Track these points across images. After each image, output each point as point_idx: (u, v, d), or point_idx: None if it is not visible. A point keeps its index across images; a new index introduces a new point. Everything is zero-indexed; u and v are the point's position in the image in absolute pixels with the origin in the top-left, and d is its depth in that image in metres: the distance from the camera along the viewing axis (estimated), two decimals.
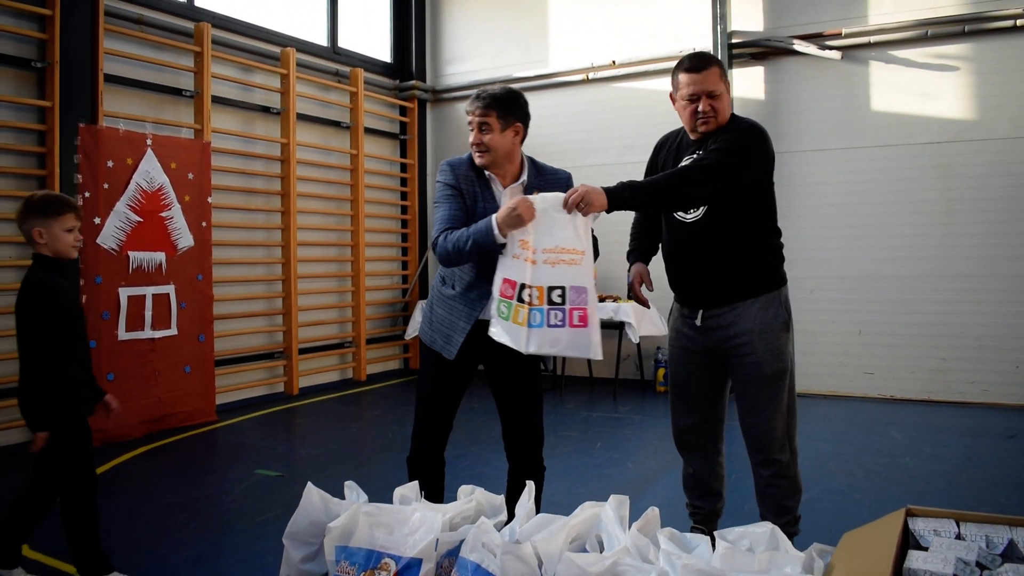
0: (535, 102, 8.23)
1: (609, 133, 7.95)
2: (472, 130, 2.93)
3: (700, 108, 2.90)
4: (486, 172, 2.96)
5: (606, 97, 8.02)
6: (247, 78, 7.10)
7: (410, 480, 2.97)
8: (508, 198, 2.84)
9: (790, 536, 2.76)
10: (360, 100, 8.09)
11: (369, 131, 8.37)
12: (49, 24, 5.45)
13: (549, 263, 2.73)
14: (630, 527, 2.50)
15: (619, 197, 2.72)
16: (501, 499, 2.80)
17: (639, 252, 3.30)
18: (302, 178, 7.46)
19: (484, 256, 2.81)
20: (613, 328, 7.16)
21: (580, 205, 2.69)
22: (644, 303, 3.18)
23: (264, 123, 7.28)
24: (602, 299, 7.12)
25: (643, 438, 5.76)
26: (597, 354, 2.77)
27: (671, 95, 3.03)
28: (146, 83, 6.25)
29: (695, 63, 2.93)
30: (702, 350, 3.07)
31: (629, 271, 3.23)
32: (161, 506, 4.05)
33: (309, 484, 2.85)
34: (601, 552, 2.49)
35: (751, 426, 3.01)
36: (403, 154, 8.98)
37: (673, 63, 3.09)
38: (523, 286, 2.71)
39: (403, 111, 8.93)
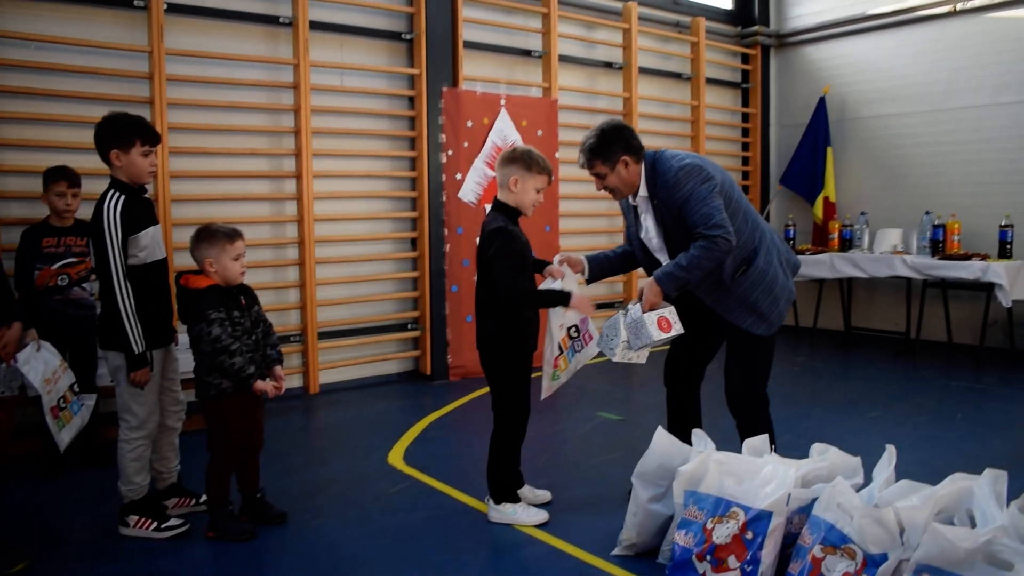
0: (891, 40, 7.66)
1: (980, 71, 7.04)
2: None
3: None
4: None
5: (977, 30, 7.11)
6: (590, 35, 7.31)
7: None
8: (640, 208, 3.42)
9: None
10: (701, 50, 7.97)
11: (710, 81, 8.23)
12: None
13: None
14: (1008, 505, 2.29)
15: None
16: (857, 460, 2.69)
17: None
18: (644, 131, 7.54)
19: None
20: (979, 290, 6.45)
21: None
22: None
23: (607, 78, 7.46)
24: (969, 257, 6.41)
25: (1011, 413, 5.16)
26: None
27: None
28: (499, 46, 6.68)
29: None
30: None
31: None
32: None
33: (660, 428, 2.93)
34: (972, 528, 2.31)
35: None
36: (745, 103, 8.73)
37: None
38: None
39: (745, 59, 8.66)
